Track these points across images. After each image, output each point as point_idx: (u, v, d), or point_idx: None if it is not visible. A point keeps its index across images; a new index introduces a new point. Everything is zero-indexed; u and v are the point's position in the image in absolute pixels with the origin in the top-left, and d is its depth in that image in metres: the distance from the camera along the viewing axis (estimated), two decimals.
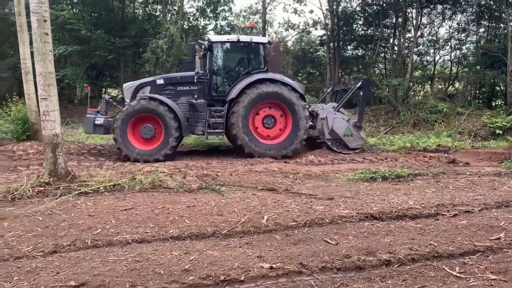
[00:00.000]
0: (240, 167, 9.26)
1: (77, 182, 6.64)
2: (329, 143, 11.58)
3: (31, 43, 10.08)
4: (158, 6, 24.25)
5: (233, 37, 11.81)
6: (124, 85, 11.79)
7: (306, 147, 12.24)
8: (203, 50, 11.39)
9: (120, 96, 24.33)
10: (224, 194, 6.45)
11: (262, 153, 10.92)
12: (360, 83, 12.35)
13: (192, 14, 25.18)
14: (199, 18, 25.40)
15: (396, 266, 3.96)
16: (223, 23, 26.00)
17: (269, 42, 12.42)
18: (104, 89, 24.99)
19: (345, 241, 4.57)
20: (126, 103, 11.00)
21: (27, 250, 4.20)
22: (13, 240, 4.46)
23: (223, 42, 11.64)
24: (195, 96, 11.16)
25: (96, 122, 10.55)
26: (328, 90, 13.72)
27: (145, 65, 20.40)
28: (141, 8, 25.13)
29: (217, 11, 25.08)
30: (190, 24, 24.65)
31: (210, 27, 25.94)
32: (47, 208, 5.53)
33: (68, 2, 22.87)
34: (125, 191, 6.49)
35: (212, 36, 12.05)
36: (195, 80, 11.21)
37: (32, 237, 4.56)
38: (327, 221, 5.25)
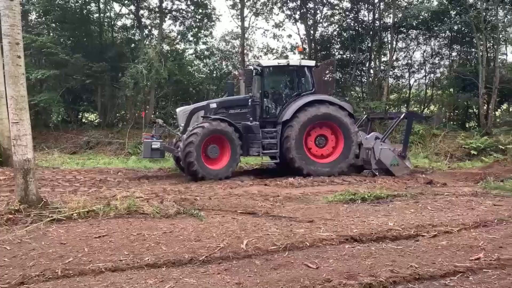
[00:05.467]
0: (220, 191, 9.13)
1: (49, 209, 6.39)
2: (376, 173, 11.85)
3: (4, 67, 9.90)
4: (137, 30, 24.27)
5: (283, 61, 12.42)
6: (178, 109, 12.34)
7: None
8: (254, 74, 11.89)
9: (98, 120, 24.04)
10: (203, 219, 6.30)
11: (317, 171, 11.39)
12: (403, 114, 12.89)
13: (172, 38, 25.26)
14: (180, 42, 25.51)
15: None
16: (202, 47, 26.19)
17: (316, 65, 12.94)
18: (81, 114, 24.64)
19: (325, 265, 4.48)
20: (180, 127, 11.69)
21: None
22: None
23: (273, 66, 12.26)
24: (250, 118, 11.60)
25: (153, 147, 10.93)
26: (364, 118, 14.28)
27: (124, 90, 20.26)
28: (120, 33, 25.10)
29: (198, 35, 25.25)
30: (170, 48, 24.71)
31: (190, 51, 26.08)
32: (16, 237, 5.28)
33: (46, 26, 22.70)
34: (100, 218, 6.27)
35: (263, 61, 12.79)
36: (249, 103, 11.79)
37: None
38: (308, 244, 5.15)
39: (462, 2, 19.09)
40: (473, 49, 21.38)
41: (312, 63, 12.70)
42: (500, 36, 20.29)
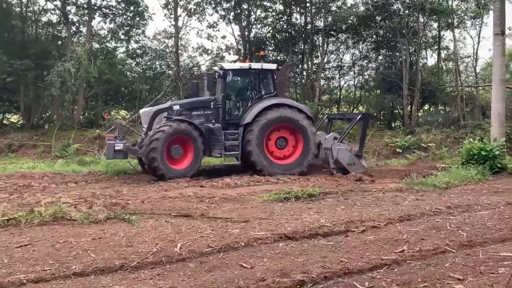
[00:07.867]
0: (153, 194, 8.90)
1: None
2: (334, 172, 12.22)
3: None
4: (64, 27, 23.00)
5: (245, 64, 12.63)
6: (141, 111, 12.46)
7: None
8: (216, 76, 11.99)
9: (21, 121, 22.46)
10: (135, 223, 6.12)
11: (277, 172, 11.62)
12: (359, 116, 13.47)
13: (102, 36, 24.22)
14: (110, 41, 24.50)
15: (310, 285, 3.99)
16: (135, 45, 25.37)
17: (277, 68, 13.18)
18: (1, 115, 22.91)
19: (260, 264, 4.52)
20: (144, 128, 11.74)
21: None
22: None
23: (235, 70, 12.54)
24: (212, 120, 11.78)
25: (116, 148, 10.90)
26: (324, 118, 14.55)
27: (50, 89, 19.10)
28: (45, 29, 23.62)
29: (130, 34, 24.43)
30: (99, 46, 23.68)
31: (122, 49, 25.15)
32: None
33: None
34: (22, 226, 5.88)
35: (225, 64, 12.84)
36: (212, 105, 11.90)
37: None
38: (243, 244, 5.18)
39: (387, 8, 20.16)
40: (397, 53, 22.66)
41: (273, 66, 13.04)
42: (421, 41, 21.70)
